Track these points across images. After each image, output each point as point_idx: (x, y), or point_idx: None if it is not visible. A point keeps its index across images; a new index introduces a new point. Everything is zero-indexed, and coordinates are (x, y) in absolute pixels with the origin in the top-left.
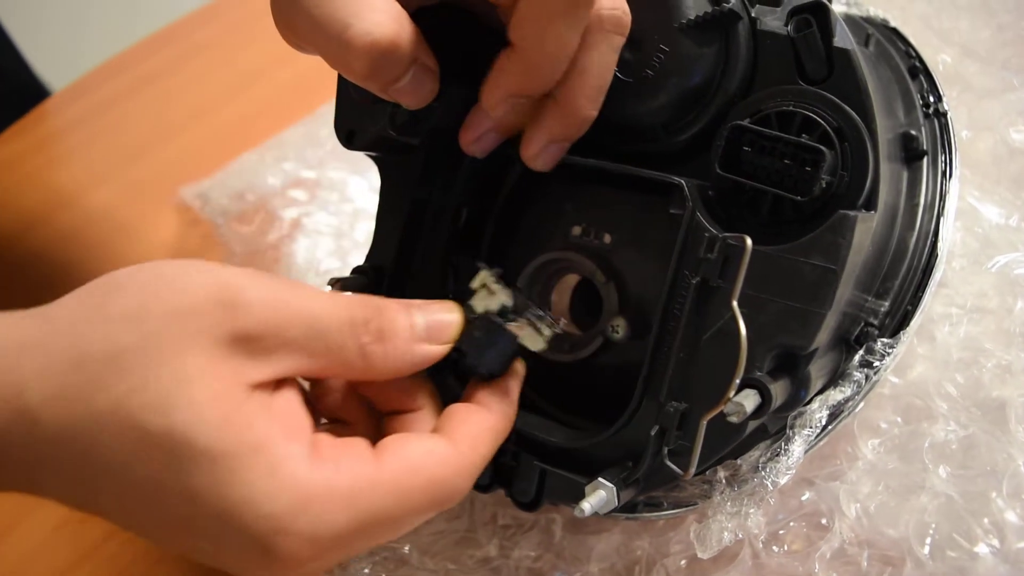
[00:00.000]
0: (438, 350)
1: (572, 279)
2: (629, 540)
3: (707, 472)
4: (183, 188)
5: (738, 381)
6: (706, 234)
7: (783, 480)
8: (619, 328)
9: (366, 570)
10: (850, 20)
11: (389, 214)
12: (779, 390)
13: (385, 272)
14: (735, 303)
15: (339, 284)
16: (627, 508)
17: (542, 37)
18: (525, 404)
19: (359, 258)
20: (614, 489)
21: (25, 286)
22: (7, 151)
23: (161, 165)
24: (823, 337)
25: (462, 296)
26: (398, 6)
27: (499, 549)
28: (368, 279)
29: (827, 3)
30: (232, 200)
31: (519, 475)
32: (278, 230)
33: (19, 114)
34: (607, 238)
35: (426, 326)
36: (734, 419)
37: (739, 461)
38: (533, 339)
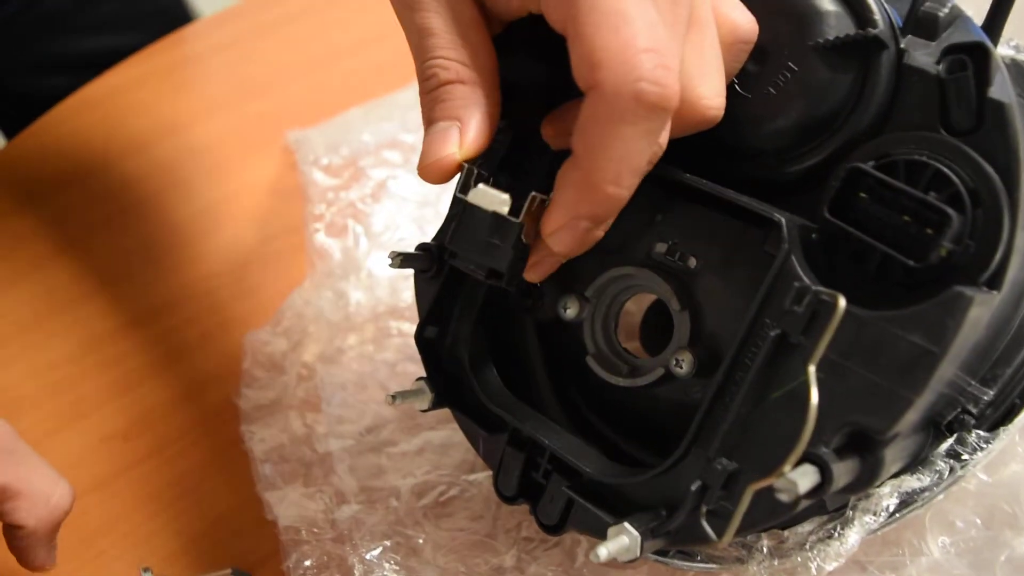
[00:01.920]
0: None
1: (650, 296)
2: None
3: (748, 536)
4: (289, 132)
5: (797, 456)
6: (796, 283)
7: (830, 567)
8: (684, 362)
9: (376, 551)
10: (1016, 67)
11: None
12: (843, 471)
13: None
14: (812, 367)
15: (399, 258)
16: (659, 550)
17: (607, 146)
18: (572, 417)
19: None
20: (639, 539)
21: (113, 211)
22: (132, 74)
23: (277, 106)
24: (908, 422)
25: None
26: (472, 53)
27: (516, 561)
28: (431, 256)
29: (990, 46)
30: (326, 150)
31: (547, 496)
32: (362, 188)
33: (158, 36)
34: (692, 262)
35: None
36: (783, 497)
37: (786, 533)
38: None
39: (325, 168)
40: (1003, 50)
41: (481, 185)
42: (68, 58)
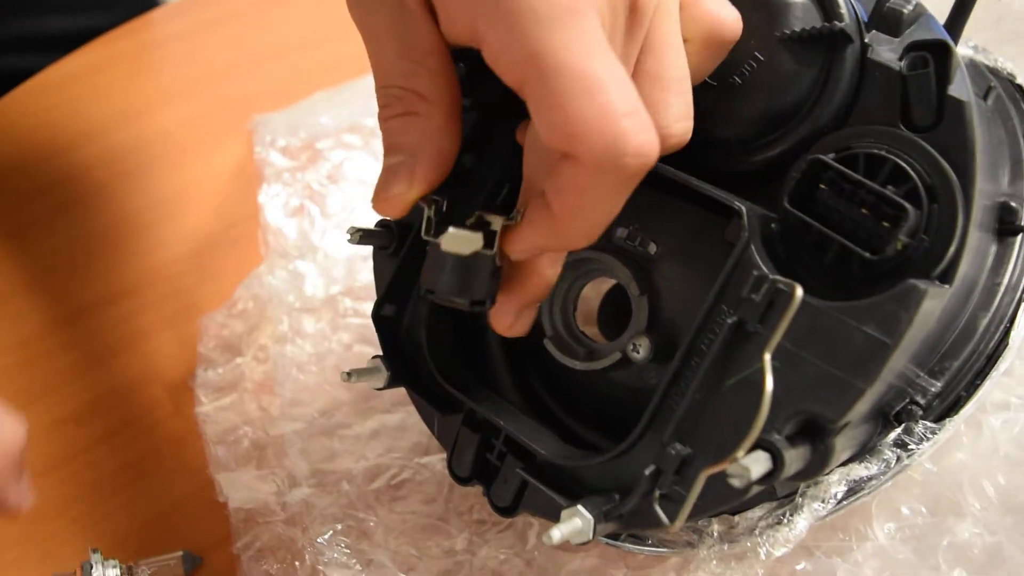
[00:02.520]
0: None
1: (609, 282)
2: (605, 567)
3: (699, 521)
4: (255, 116)
5: (750, 442)
6: (755, 271)
7: (778, 552)
8: (641, 347)
9: (327, 534)
10: (973, 67)
11: None
12: (795, 457)
13: (412, 229)
14: (768, 355)
15: (359, 234)
16: (609, 533)
17: (586, 210)
18: (530, 401)
19: None
20: (591, 521)
21: (73, 196)
22: (93, 58)
23: (242, 93)
24: (859, 412)
25: None
26: (430, 81)
27: (467, 543)
28: (392, 233)
29: (951, 44)
30: (284, 133)
31: (501, 478)
32: (319, 170)
33: (127, 18)
34: (652, 248)
35: None
36: (735, 483)
37: (736, 518)
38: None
39: (283, 150)
40: (962, 50)
41: (452, 229)
42: (33, 37)
